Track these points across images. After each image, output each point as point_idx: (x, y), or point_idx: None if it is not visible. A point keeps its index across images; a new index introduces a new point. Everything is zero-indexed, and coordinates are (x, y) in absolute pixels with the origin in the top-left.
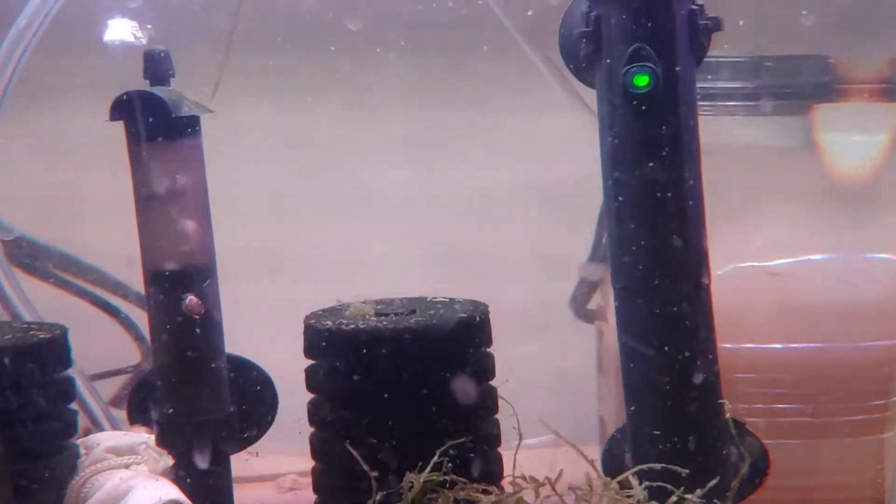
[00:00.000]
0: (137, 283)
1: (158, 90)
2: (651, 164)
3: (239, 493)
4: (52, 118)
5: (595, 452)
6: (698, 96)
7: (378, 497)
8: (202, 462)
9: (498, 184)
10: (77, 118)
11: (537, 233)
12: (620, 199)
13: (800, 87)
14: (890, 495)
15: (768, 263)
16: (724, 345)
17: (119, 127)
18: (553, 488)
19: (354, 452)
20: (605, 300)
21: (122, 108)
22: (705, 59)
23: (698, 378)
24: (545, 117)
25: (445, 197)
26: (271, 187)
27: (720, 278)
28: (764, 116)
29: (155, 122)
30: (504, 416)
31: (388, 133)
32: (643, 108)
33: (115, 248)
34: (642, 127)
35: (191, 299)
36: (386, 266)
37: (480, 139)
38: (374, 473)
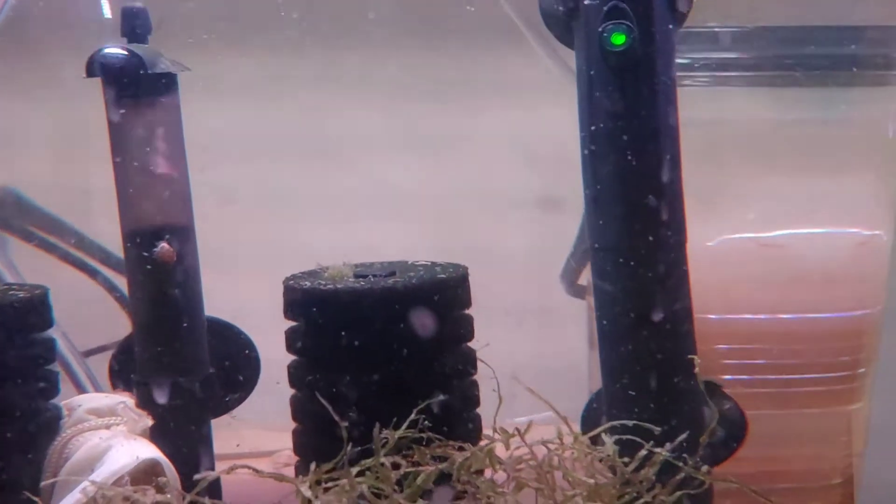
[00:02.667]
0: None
1: (135, 47)
2: (626, 124)
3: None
4: None
5: None
6: (696, 66)
7: (354, 452)
8: (160, 397)
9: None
10: None
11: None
12: (595, 159)
13: (800, 57)
14: (858, 467)
15: (757, 235)
16: (706, 315)
17: None
18: (522, 439)
19: (325, 402)
20: None
21: (96, 66)
22: (703, 30)
23: (670, 336)
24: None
25: (445, 190)
26: (265, 182)
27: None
28: (762, 87)
29: (132, 79)
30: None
31: (388, 125)
32: (620, 66)
33: None
34: (619, 86)
35: (162, 246)
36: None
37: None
38: (345, 423)
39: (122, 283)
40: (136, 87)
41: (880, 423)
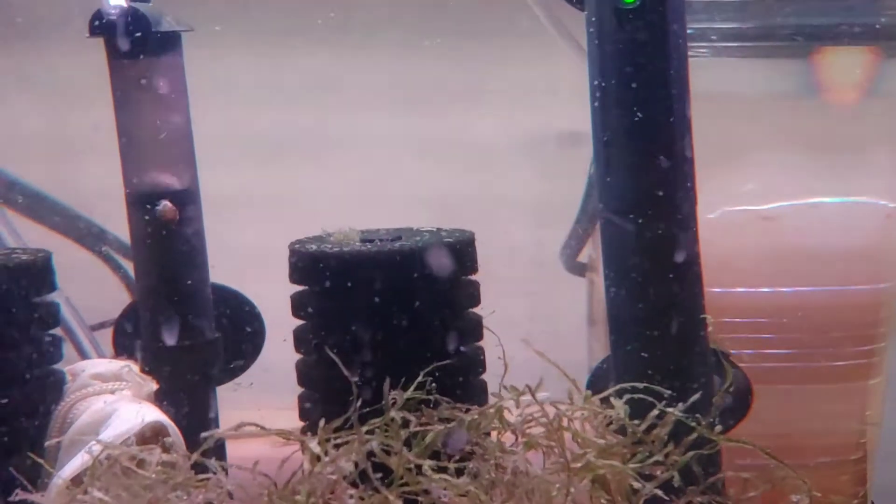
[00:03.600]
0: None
1: (139, 5)
2: (638, 85)
3: (233, 448)
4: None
5: None
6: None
7: (362, 411)
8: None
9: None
10: None
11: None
12: (606, 119)
13: (800, 29)
14: (873, 442)
15: (760, 207)
16: (713, 289)
17: None
18: (533, 395)
19: (334, 356)
20: (597, 251)
21: (102, 24)
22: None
23: (680, 300)
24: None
25: (437, 144)
26: (255, 132)
27: (711, 221)
28: (761, 59)
29: (136, 38)
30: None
31: (379, 77)
32: (631, 24)
33: None
34: (630, 44)
35: (164, 204)
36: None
37: (473, 86)
38: (356, 379)
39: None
40: (140, 46)
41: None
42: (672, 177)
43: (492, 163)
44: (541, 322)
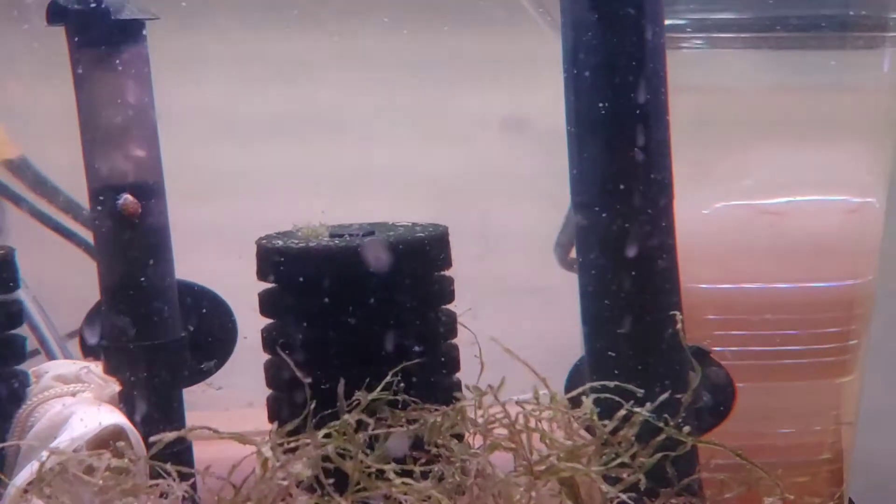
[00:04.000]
0: None
1: None
2: (605, 76)
3: (209, 448)
4: None
5: None
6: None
7: (326, 414)
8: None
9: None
10: None
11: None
12: (574, 109)
13: (799, 20)
14: (848, 441)
15: (748, 202)
16: (697, 284)
17: None
18: (495, 396)
19: (284, 355)
20: None
21: (57, 12)
22: None
23: (644, 296)
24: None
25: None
26: (235, 114)
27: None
28: (760, 51)
29: (96, 27)
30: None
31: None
32: (605, 12)
33: None
34: (603, 34)
35: (126, 198)
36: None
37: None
38: (308, 380)
39: None
40: (101, 35)
41: (873, 397)
42: (639, 170)
43: (480, 141)
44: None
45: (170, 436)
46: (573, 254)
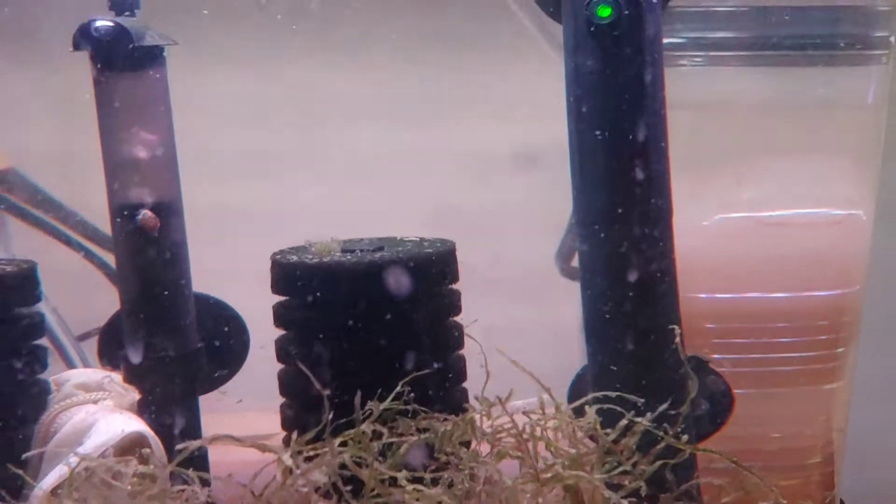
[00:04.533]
0: None
1: (123, 20)
2: (613, 98)
3: (220, 453)
4: None
5: None
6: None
7: (340, 423)
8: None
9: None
10: None
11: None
12: (582, 133)
13: (797, 38)
14: (839, 446)
15: (738, 215)
16: (695, 294)
17: None
18: (503, 407)
19: (305, 369)
20: None
21: (86, 37)
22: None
23: (654, 310)
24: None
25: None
26: (244, 146)
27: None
28: (757, 68)
29: (119, 52)
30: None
31: (381, 89)
32: (606, 39)
33: None
34: (604, 58)
35: (145, 213)
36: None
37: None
38: (327, 392)
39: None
40: (124, 60)
41: (863, 405)
42: (640, 193)
43: (484, 173)
44: (538, 329)
45: (195, 444)
46: (574, 263)
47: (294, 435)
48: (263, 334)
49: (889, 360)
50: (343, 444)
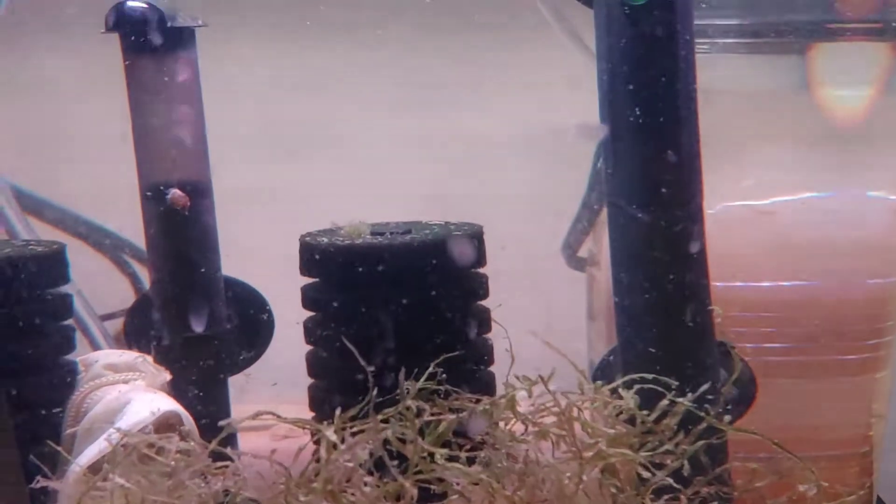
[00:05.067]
0: None
1: (154, 1)
2: (646, 78)
3: (250, 440)
4: None
5: None
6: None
7: (374, 400)
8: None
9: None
10: None
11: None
12: (615, 113)
13: (795, 24)
14: (879, 435)
15: (760, 202)
16: (715, 283)
17: None
18: (545, 385)
19: (350, 345)
20: (598, 246)
21: (118, 20)
22: None
23: (689, 293)
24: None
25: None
26: (256, 129)
27: (711, 217)
28: (757, 55)
29: (150, 33)
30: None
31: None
32: (639, 18)
33: None
34: (638, 38)
35: (174, 192)
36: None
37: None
38: (371, 368)
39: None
40: (154, 41)
41: None
42: (679, 171)
43: (494, 158)
44: (543, 316)
45: (238, 421)
46: (581, 254)
47: (337, 411)
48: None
49: None
50: (384, 420)
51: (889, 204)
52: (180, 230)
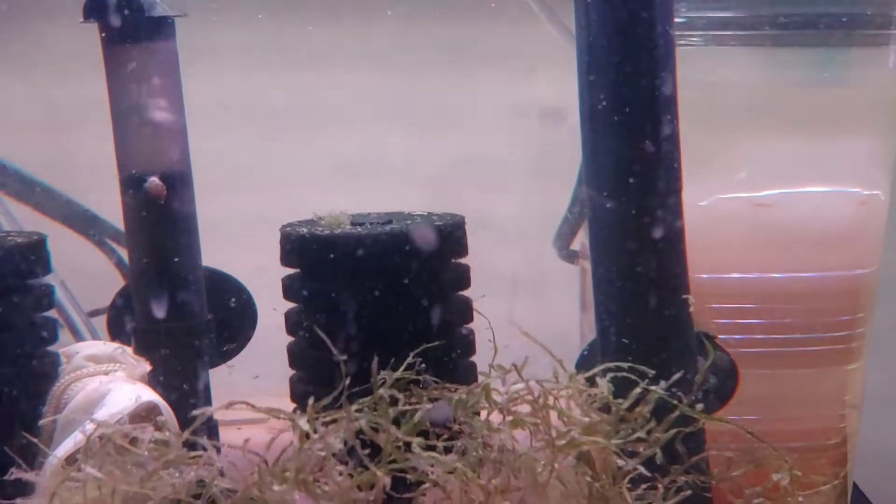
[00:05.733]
0: None
1: None
2: (621, 66)
3: (228, 435)
4: None
5: None
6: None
7: (351, 393)
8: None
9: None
10: None
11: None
12: (593, 101)
13: (793, 18)
14: (853, 426)
15: (753, 194)
16: (699, 275)
17: None
18: (519, 374)
19: (323, 335)
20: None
21: (96, 8)
22: None
23: (661, 283)
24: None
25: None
26: (242, 105)
27: (702, 209)
28: (753, 48)
29: (130, 22)
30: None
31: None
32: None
33: None
34: (616, 25)
35: (152, 181)
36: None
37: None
38: (344, 357)
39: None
40: (133, 30)
41: (877, 383)
42: (652, 157)
43: (482, 136)
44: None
45: (211, 410)
46: (573, 246)
47: (310, 401)
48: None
49: None
50: (358, 410)
51: (857, 197)
52: (158, 218)
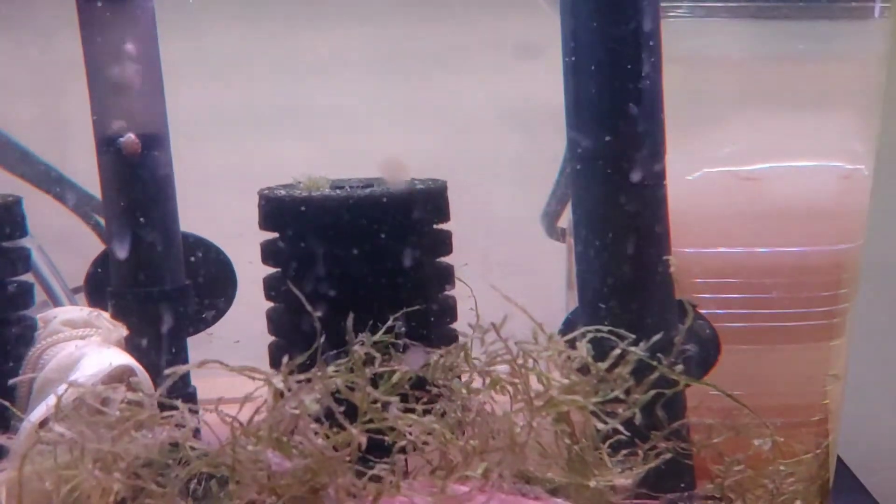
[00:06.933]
0: None
1: None
2: (607, 49)
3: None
4: None
5: None
6: None
7: (330, 355)
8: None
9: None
10: None
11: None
12: (578, 70)
13: None
14: (836, 400)
15: (741, 168)
16: (682, 249)
17: None
18: (497, 333)
19: (297, 292)
20: None
21: None
22: None
23: (639, 251)
24: None
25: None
26: (232, 102)
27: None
28: (741, 21)
29: None
30: None
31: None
32: None
33: None
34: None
35: (128, 136)
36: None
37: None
38: (318, 314)
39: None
40: None
41: (859, 363)
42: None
43: (474, 129)
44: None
45: (183, 368)
46: (559, 223)
47: (284, 359)
48: None
49: None
50: (336, 370)
51: (841, 171)
52: (134, 178)
